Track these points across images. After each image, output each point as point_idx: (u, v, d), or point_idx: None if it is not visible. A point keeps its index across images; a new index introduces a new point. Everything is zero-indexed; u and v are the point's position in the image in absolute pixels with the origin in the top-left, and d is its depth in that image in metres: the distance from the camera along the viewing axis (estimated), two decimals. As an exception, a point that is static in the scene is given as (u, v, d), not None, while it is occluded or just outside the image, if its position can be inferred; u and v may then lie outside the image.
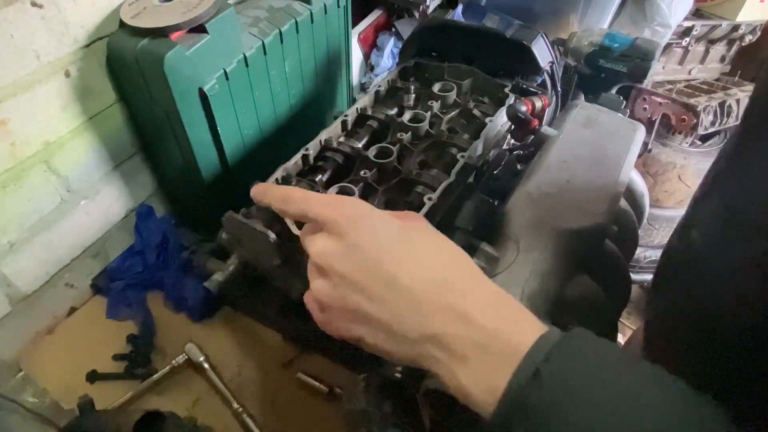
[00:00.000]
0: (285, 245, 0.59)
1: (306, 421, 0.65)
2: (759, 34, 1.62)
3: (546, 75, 0.82)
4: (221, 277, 0.63)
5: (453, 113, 0.75)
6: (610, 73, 1.00)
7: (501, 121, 0.74)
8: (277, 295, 0.71)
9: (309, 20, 0.78)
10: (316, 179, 0.66)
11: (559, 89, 0.87)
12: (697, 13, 1.58)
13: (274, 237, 0.59)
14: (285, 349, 0.72)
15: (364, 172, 0.65)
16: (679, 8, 1.39)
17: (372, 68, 1.26)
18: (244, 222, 0.60)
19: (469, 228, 0.55)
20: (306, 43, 0.80)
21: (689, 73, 1.65)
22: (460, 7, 1.32)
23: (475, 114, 0.75)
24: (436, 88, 0.78)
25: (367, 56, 1.28)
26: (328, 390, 0.66)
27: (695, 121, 1.41)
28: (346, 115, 0.73)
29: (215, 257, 0.70)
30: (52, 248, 0.70)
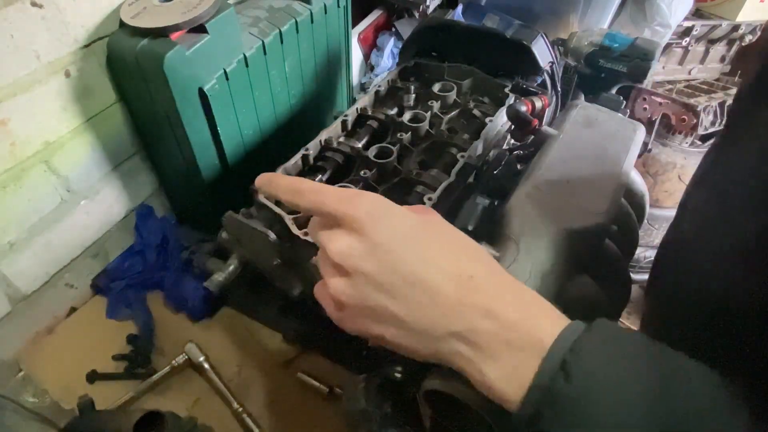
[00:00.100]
0: (285, 245, 0.59)
1: (306, 421, 0.65)
2: (759, 34, 1.62)
3: (546, 75, 0.82)
4: (221, 277, 0.63)
5: (453, 113, 0.75)
6: (610, 73, 1.00)
7: (501, 121, 0.74)
8: (277, 295, 0.71)
9: (309, 20, 0.78)
10: (316, 179, 0.66)
11: (559, 89, 0.87)
12: (697, 13, 1.58)
13: (274, 237, 0.59)
14: (285, 349, 0.72)
15: (364, 172, 0.65)
16: (679, 8, 1.39)
17: (372, 68, 1.26)
18: (244, 222, 0.60)
19: (469, 228, 0.55)
20: (306, 43, 0.80)
21: (689, 73, 1.65)
22: (460, 7, 1.32)
23: (475, 114, 0.75)
24: (436, 88, 0.78)
25: (367, 56, 1.28)
26: (328, 390, 0.66)
27: (695, 121, 1.41)
28: (346, 115, 0.73)
29: (215, 257, 0.70)
30: (52, 248, 0.70)
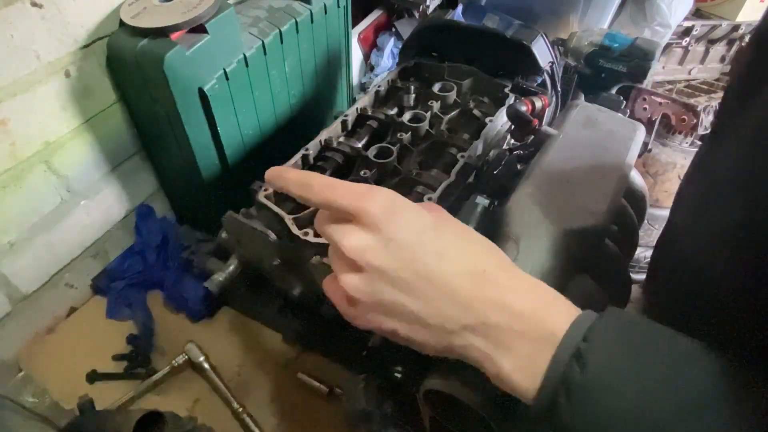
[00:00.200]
0: (285, 245, 0.59)
1: (306, 421, 0.65)
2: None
3: (546, 75, 0.82)
4: (221, 277, 0.63)
5: (453, 113, 0.75)
6: (610, 73, 1.00)
7: (501, 121, 0.74)
8: (277, 295, 0.71)
9: (309, 20, 0.78)
10: (316, 179, 0.66)
11: (559, 89, 0.87)
12: (697, 13, 1.58)
13: (274, 237, 0.59)
14: (285, 349, 0.72)
15: (364, 172, 0.65)
16: (679, 8, 1.39)
17: (372, 68, 1.26)
18: (244, 222, 0.60)
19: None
20: (306, 43, 0.80)
21: (689, 73, 1.65)
22: (460, 7, 1.32)
23: (475, 114, 0.75)
24: (436, 88, 0.78)
25: (367, 56, 1.28)
26: (328, 390, 0.66)
27: (695, 121, 1.41)
28: (346, 115, 0.73)
29: (215, 257, 0.70)
30: (52, 248, 0.70)
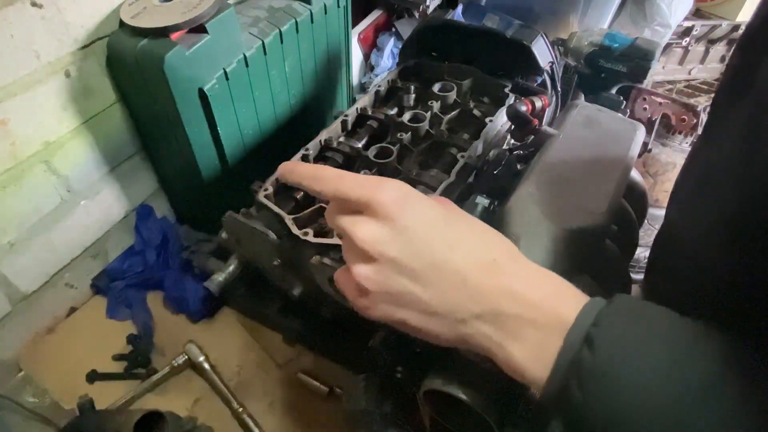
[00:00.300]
0: (285, 245, 0.59)
1: (306, 421, 0.65)
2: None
3: (546, 75, 0.82)
4: (221, 277, 0.63)
5: (453, 113, 0.75)
6: (610, 73, 1.00)
7: (501, 121, 0.74)
8: (277, 295, 0.71)
9: (309, 20, 0.78)
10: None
11: (559, 89, 0.87)
12: (697, 13, 1.58)
13: (274, 237, 0.59)
14: (285, 349, 0.72)
15: (364, 173, 0.65)
16: (679, 8, 1.39)
17: (372, 68, 1.26)
18: (244, 222, 0.60)
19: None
20: (306, 43, 0.80)
21: (689, 73, 1.65)
22: (460, 7, 1.32)
23: (475, 114, 0.75)
24: (436, 88, 0.78)
25: (367, 56, 1.28)
26: (328, 390, 0.66)
27: (695, 121, 1.40)
28: (346, 115, 0.73)
29: (215, 257, 0.70)
30: (52, 248, 0.70)
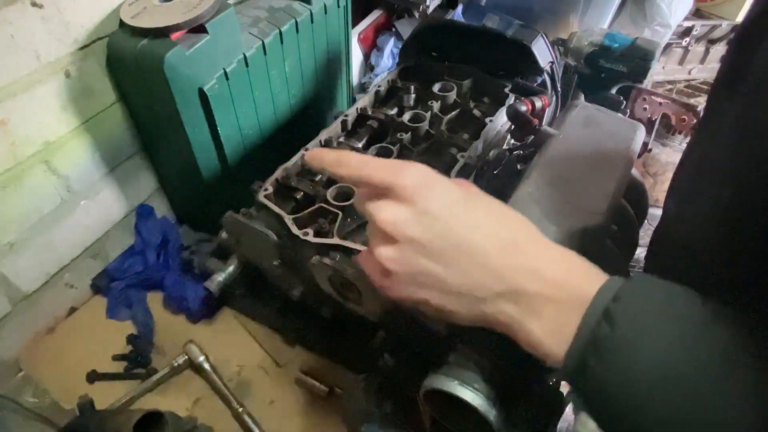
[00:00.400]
0: (285, 245, 0.59)
1: (306, 421, 0.65)
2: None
3: (546, 75, 0.82)
4: (221, 277, 0.63)
5: (453, 113, 0.75)
6: (610, 73, 1.00)
7: (501, 121, 0.74)
8: (277, 295, 0.71)
9: (309, 20, 0.78)
10: (316, 179, 0.66)
11: (559, 89, 0.87)
12: (697, 13, 1.58)
13: (274, 237, 0.59)
14: (285, 349, 0.72)
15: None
16: (679, 8, 1.39)
17: (372, 68, 1.26)
18: (244, 222, 0.60)
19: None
20: (306, 43, 0.80)
21: (689, 73, 1.65)
22: (460, 7, 1.32)
23: (475, 114, 0.75)
24: (436, 88, 0.78)
25: (367, 56, 1.28)
26: (328, 390, 0.66)
27: (695, 121, 1.40)
28: (346, 115, 0.73)
29: (215, 257, 0.70)
30: (52, 248, 0.70)
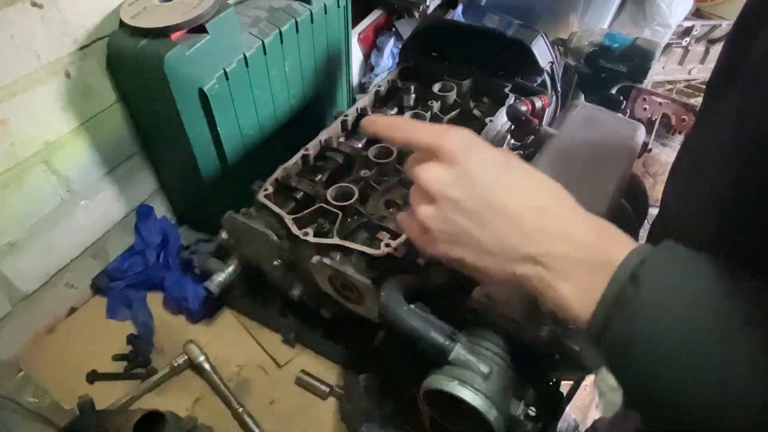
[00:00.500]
0: (285, 245, 0.59)
1: (306, 421, 0.65)
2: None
3: (546, 75, 0.82)
4: (221, 277, 0.63)
5: (453, 113, 0.75)
6: (610, 73, 1.00)
7: (501, 121, 0.74)
8: (277, 295, 0.71)
9: (309, 20, 0.78)
10: (316, 179, 0.66)
11: (559, 89, 0.87)
12: (697, 13, 1.59)
13: (274, 237, 0.59)
14: (285, 349, 0.72)
15: (364, 172, 0.65)
16: (679, 8, 1.39)
17: (372, 68, 1.26)
18: (245, 222, 0.60)
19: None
20: (306, 43, 0.80)
21: (689, 73, 1.65)
22: (460, 7, 1.32)
23: (475, 114, 0.75)
24: (436, 88, 0.78)
25: (367, 56, 1.28)
26: (328, 390, 0.66)
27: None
28: (346, 115, 0.73)
29: (215, 257, 0.70)
30: (52, 248, 0.70)
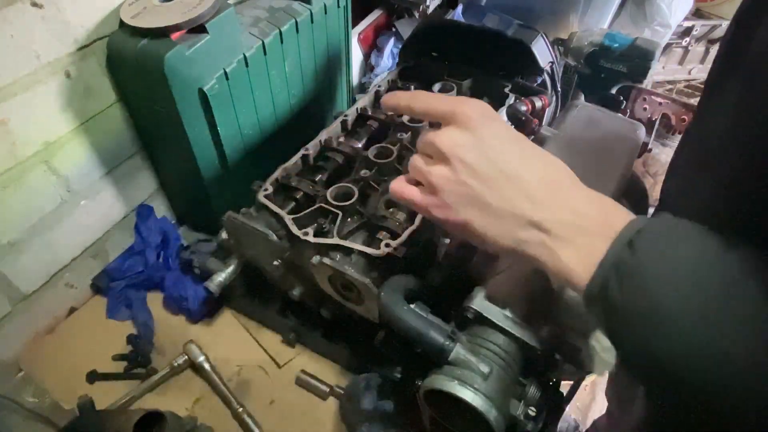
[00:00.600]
0: (285, 245, 0.59)
1: (306, 421, 0.65)
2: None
3: (546, 75, 0.82)
4: (221, 277, 0.63)
5: (453, 113, 0.75)
6: (610, 73, 1.00)
7: (501, 121, 0.74)
8: (277, 295, 0.71)
9: (309, 20, 0.78)
10: (316, 179, 0.66)
11: (559, 89, 0.87)
12: (697, 13, 1.59)
13: (274, 237, 0.59)
14: (285, 349, 0.72)
15: (364, 172, 0.65)
16: (679, 8, 1.39)
17: (372, 68, 1.26)
18: (245, 222, 0.60)
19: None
20: (306, 43, 0.80)
21: (689, 73, 1.66)
22: (460, 7, 1.32)
23: (475, 114, 0.75)
24: (436, 88, 0.78)
25: (367, 56, 1.28)
26: (328, 390, 0.66)
27: (695, 120, 1.40)
28: (346, 115, 0.73)
29: (215, 257, 0.70)
30: (52, 248, 0.70)
